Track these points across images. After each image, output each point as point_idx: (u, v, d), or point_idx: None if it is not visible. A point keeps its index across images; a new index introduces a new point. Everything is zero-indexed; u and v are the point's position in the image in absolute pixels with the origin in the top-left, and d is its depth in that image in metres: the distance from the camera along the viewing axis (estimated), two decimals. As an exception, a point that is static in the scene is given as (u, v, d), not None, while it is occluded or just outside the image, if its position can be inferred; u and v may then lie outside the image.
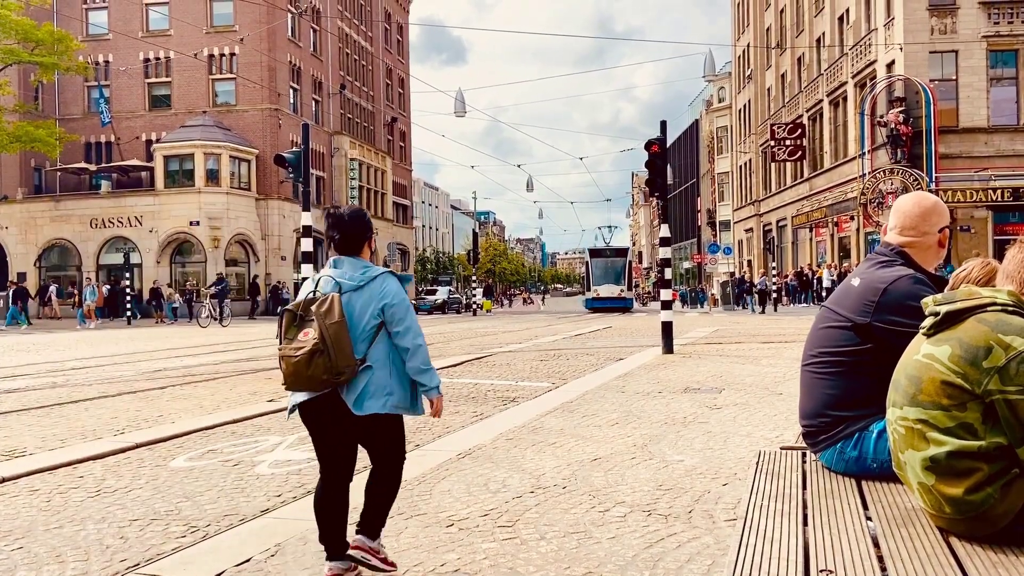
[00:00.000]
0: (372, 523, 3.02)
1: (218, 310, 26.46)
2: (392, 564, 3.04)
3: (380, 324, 2.96)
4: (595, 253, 41.35)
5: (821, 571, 1.69)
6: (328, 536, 2.96)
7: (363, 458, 3.12)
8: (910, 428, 1.97)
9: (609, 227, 53.45)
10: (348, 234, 3.06)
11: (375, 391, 2.91)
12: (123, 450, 5.43)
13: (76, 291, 32.61)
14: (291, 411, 3.00)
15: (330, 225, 3.09)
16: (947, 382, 1.89)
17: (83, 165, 39.78)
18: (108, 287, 35.47)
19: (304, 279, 3.13)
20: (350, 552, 2.96)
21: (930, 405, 1.92)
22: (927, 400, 1.93)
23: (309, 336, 2.84)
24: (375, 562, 2.97)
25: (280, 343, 2.94)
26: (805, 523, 2.01)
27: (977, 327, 1.88)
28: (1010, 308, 1.91)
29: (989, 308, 1.92)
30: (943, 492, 1.89)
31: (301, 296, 3.02)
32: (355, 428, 2.97)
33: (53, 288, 34.45)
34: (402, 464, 3.11)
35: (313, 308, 2.88)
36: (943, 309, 1.97)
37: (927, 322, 2.01)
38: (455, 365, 11.37)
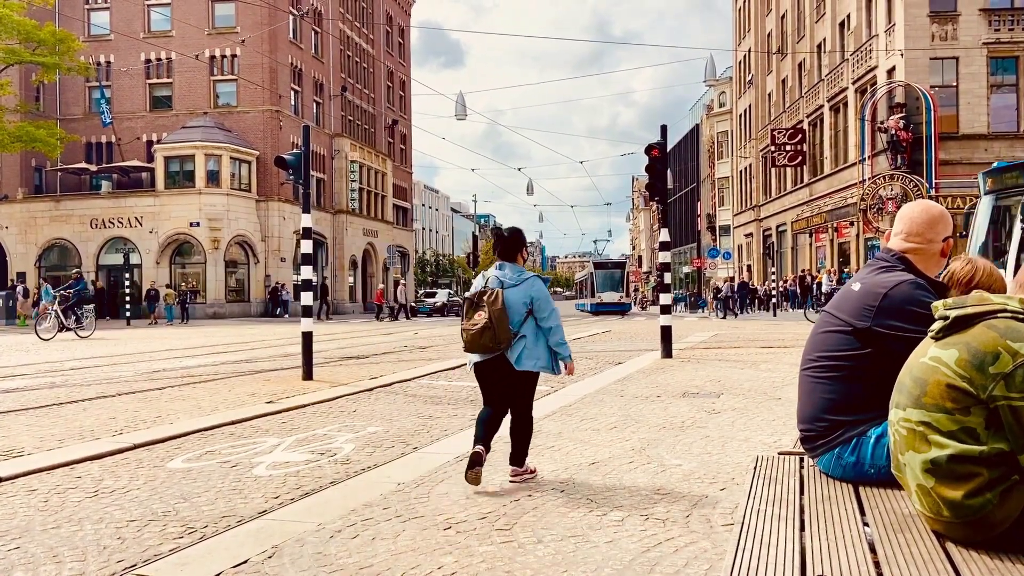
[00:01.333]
0: (519, 456, 4.42)
1: (72, 317, 20.73)
2: (533, 471, 4.46)
3: (530, 310, 4.35)
4: (599, 265, 46.36)
5: (818, 576, 1.69)
6: (481, 437, 4.31)
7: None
8: (912, 430, 1.97)
9: (608, 232, 54.90)
10: (508, 247, 4.49)
11: (528, 355, 4.32)
12: (121, 451, 5.42)
13: (37, 289, 29.79)
14: (470, 368, 4.47)
15: (496, 241, 4.56)
16: (952, 385, 1.89)
17: (84, 165, 39.83)
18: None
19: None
20: (511, 480, 4.34)
21: (934, 408, 1.92)
22: (931, 403, 1.93)
23: (481, 317, 4.25)
24: (526, 477, 4.39)
25: (463, 321, 4.35)
26: (802, 528, 2.01)
27: (986, 333, 1.89)
28: (1020, 316, 1.92)
29: (999, 315, 1.92)
30: (942, 495, 1.89)
31: (474, 289, 4.43)
32: (511, 379, 4.37)
33: (20, 288, 34.29)
34: (531, 410, 4.52)
35: (484, 298, 4.29)
36: (953, 313, 1.97)
37: (936, 325, 2.02)
38: (453, 368, 11.36)
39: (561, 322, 4.46)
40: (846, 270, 33.18)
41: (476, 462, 4.15)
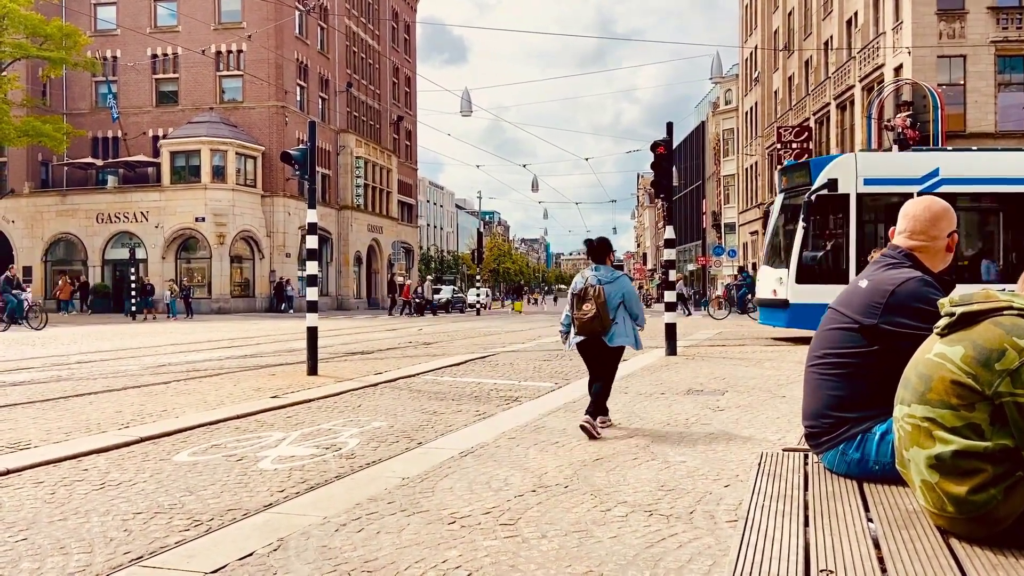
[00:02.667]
0: (596, 410, 5.71)
1: None
2: (598, 434, 5.50)
3: (621, 302, 5.78)
4: None
5: (822, 571, 1.69)
6: (596, 405, 5.70)
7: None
8: (917, 426, 1.98)
9: (613, 229, 56.66)
10: (600, 252, 5.95)
11: (619, 335, 5.77)
12: (127, 444, 5.44)
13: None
14: (571, 346, 5.95)
15: (589, 249, 6.02)
16: (957, 382, 1.89)
17: (90, 160, 39.94)
18: (70, 279, 35.57)
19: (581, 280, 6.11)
20: (581, 424, 5.48)
21: (939, 404, 1.92)
22: (936, 399, 1.93)
23: (589, 308, 5.64)
24: (592, 431, 5.47)
25: (572, 311, 5.79)
26: (806, 524, 2.01)
27: (992, 330, 1.89)
28: None
29: (1006, 312, 1.92)
30: (946, 491, 1.89)
31: (577, 286, 5.82)
32: (605, 353, 5.81)
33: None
34: (614, 378, 5.96)
35: (589, 293, 5.69)
36: (959, 310, 1.97)
37: (942, 322, 2.02)
38: (458, 364, 11.38)
39: (644, 309, 6.01)
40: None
41: (589, 433, 5.48)
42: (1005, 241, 15.72)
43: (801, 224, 14.73)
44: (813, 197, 14.50)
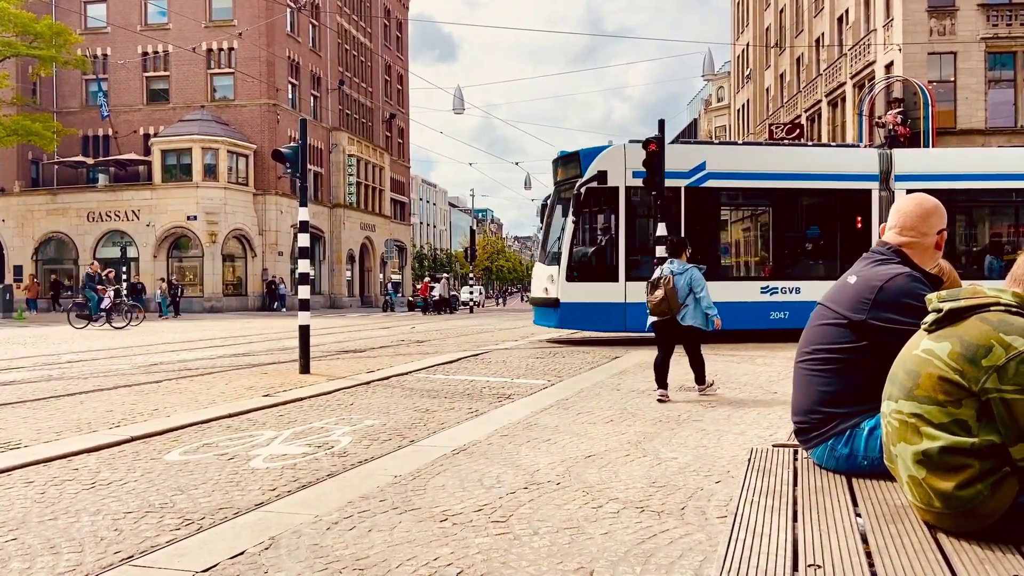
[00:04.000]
0: (700, 379, 7.43)
1: None
2: (712, 382, 7.55)
3: (690, 289, 7.17)
4: None
5: (810, 566, 1.70)
6: (659, 379, 7.18)
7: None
8: (904, 421, 1.98)
9: None
10: (675, 249, 7.50)
11: (690, 316, 7.21)
12: (118, 443, 5.42)
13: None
14: (649, 326, 7.45)
15: (668, 245, 7.77)
16: (944, 378, 1.90)
17: (80, 158, 39.75)
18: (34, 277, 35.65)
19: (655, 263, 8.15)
20: (700, 393, 7.36)
21: (926, 400, 1.93)
22: (923, 395, 1.94)
23: (659, 294, 7.12)
24: (708, 391, 7.37)
25: (648, 296, 7.29)
26: (795, 519, 2.02)
27: (979, 326, 1.89)
28: (1013, 309, 1.92)
29: (992, 308, 1.92)
30: (933, 486, 1.90)
31: (655, 276, 7.29)
32: (679, 332, 7.28)
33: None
34: (700, 349, 7.41)
35: (661, 281, 7.16)
36: (946, 306, 1.97)
37: (929, 318, 2.02)
38: (451, 362, 11.38)
39: (709, 293, 7.27)
40: None
41: (662, 400, 7.00)
42: (771, 235, 15.43)
43: (571, 219, 14.22)
44: (582, 190, 14.10)
